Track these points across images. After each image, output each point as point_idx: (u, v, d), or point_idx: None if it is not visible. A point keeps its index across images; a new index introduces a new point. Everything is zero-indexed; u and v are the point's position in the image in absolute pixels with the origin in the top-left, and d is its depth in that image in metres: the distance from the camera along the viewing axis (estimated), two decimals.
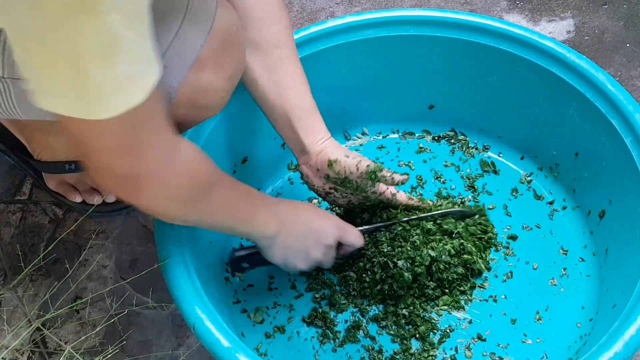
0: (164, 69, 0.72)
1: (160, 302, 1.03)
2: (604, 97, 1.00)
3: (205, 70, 0.76)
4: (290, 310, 1.01)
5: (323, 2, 1.47)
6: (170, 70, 0.73)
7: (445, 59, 1.11)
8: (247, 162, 1.09)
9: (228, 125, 1.03)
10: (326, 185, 0.96)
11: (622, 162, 0.98)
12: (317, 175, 0.95)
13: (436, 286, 0.99)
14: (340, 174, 0.93)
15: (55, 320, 1.04)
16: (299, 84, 0.94)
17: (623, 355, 0.80)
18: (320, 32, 1.08)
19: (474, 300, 1.01)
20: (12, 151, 1.12)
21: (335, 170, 0.92)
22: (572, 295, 1.01)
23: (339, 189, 0.96)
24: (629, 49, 1.35)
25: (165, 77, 0.73)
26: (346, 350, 0.97)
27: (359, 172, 0.91)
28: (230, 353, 0.79)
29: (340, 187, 0.95)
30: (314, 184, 0.96)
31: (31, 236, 1.15)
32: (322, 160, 0.93)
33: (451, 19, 1.08)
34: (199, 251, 0.93)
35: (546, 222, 1.08)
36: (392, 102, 1.17)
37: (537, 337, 0.97)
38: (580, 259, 1.04)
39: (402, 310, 0.98)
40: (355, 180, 0.93)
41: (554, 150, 1.11)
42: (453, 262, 0.98)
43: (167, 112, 0.68)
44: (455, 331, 0.98)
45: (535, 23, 1.40)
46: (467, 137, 1.18)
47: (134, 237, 1.15)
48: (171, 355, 1.02)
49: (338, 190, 0.96)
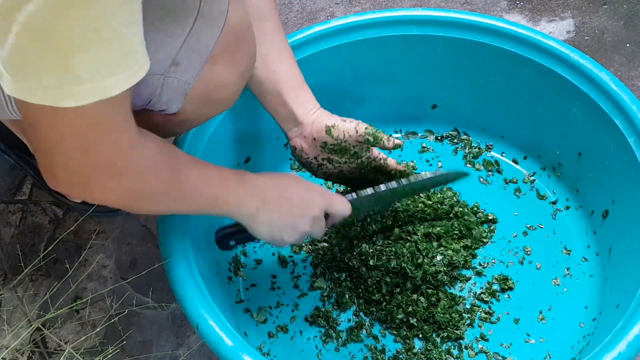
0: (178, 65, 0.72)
1: (160, 302, 1.03)
2: (607, 97, 1.00)
3: (219, 65, 0.76)
4: (293, 310, 1.01)
5: (323, 2, 1.46)
6: (185, 66, 0.73)
7: (448, 59, 1.11)
8: (250, 161, 1.09)
9: (231, 125, 1.03)
10: (320, 156, 0.96)
11: (626, 162, 0.98)
12: (312, 145, 0.95)
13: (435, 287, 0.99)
14: (339, 139, 0.93)
15: (55, 320, 1.04)
16: (285, 57, 0.94)
17: (627, 355, 0.80)
18: (323, 32, 1.08)
19: (477, 299, 1.00)
20: (12, 150, 1.11)
21: (334, 135, 0.93)
22: (575, 295, 1.01)
23: (333, 158, 0.96)
24: (629, 49, 1.36)
25: (180, 73, 0.73)
26: (349, 350, 0.97)
27: (358, 134, 0.92)
28: (234, 352, 0.79)
29: (334, 156, 0.95)
30: (308, 155, 0.96)
31: (31, 236, 1.14)
32: (318, 128, 0.93)
33: (454, 18, 1.08)
34: (202, 250, 0.92)
35: (549, 222, 1.08)
36: (395, 101, 1.17)
37: (540, 336, 0.97)
38: (584, 259, 1.04)
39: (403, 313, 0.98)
40: (352, 145, 0.93)
41: (557, 150, 1.11)
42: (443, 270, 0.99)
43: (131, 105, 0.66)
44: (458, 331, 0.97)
45: (535, 23, 1.40)
46: (470, 137, 1.18)
47: (134, 237, 1.14)
48: (171, 355, 1.02)
49: (332, 161, 0.96)
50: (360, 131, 0.92)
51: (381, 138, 0.92)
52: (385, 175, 1.01)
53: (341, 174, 0.99)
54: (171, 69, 0.72)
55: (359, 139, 0.93)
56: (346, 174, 0.99)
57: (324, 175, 1.00)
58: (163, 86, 0.74)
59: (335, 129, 0.93)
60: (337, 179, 1.01)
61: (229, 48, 0.76)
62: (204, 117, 0.84)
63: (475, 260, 1.04)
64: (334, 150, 0.95)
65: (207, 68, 0.75)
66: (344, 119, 0.94)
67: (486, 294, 1.01)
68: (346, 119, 0.94)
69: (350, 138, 0.93)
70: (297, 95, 0.93)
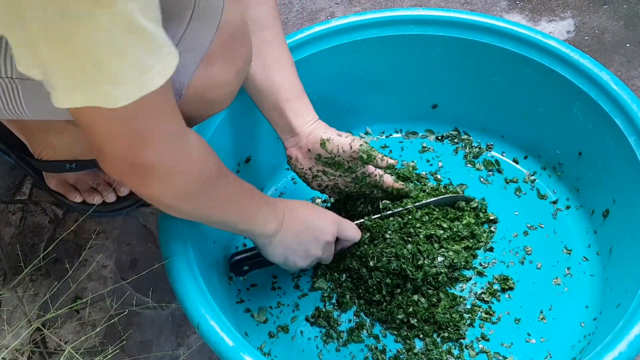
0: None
1: (160, 302, 1.03)
2: (607, 97, 1.00)
3: (215, 65, 0.76)
4: (294, 310, 1.01)
5: (323, 2, 1.46)
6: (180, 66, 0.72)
7: (448, 59, 1.11)
8: (250, 161, 1.09)
9: (231, 125, 1.03)
10: (315, 168, 0.96)
11: (626, 162, 0.98)
12: (307, 156, 0.95)
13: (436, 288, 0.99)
14: (333, 153, 0.93)
15: (55, 320, 1.04)
16: (285, 66, 0.94)
17: (628, 354, 0.79)
18: (324, 31, 1.08)
19: (478, 299, 1.00)
20: (12, 150, 1.11)
21: (328, 149, 0.93)
22: (576, 295, 1.01)
23: (328, 170, 0.96)
24: (629, 49, 1.36)
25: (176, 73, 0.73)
26: (350, 350, 0.97)
27: (352, 150, 0.92)
28: (234, 352, 0.79)
29: (329, 169, 0.96)
30: (303, 166, 0.96)
31: (31, 236, 1.14)
32: (313, 140, 0.94)
33: (454, 18, 1.08)
34: (203, 250, 0.92)
35: (550, 222, 1.08)
36: (396, 101, 1.17)
37: (541, 336, 0.97)
38: (584, 259, 1.04)
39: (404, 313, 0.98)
40: (346, 160, 0.94)
41: (558, 150, 1.11)
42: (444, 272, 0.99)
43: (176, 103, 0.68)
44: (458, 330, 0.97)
45: (535, 23, 1.40)
46: (470, 137, 1.18)
47: (134, 237, 1.14)
48: (171, 355, 1.01)
49: (327, 173, 0.97)
50: (354, 147, 0.93)
51: (375, 157, 0.93)
52: (381, 192, 1.01)
53: (336, 187, 1.00)
54: None
55: (353, 155, 0.93)
56: (341, 187, 1.00)
57: (318, 187, 1.00)
58: None
59: (330, 143, 0.93)
60: (332, 191, 1.01)
61: (224, 47, 0.76)
62: (200, 117, 0.84)
63: (476, 260, 1.04)
64: (327, 163, 0.95)
65: (203, 67, 0.75)
66: (340, 134, 0.94)
67: (487, 294, 1.01)
68: (342, 134, 0.94)
69: (344, 153, 0.93)
70: (295, 105, 0.94)
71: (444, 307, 0.98)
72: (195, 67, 0.75)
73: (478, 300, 1.01)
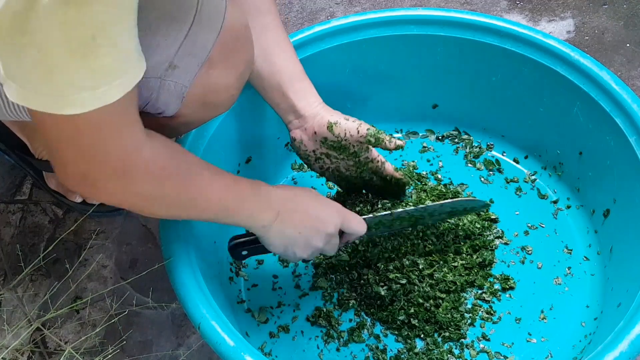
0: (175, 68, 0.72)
1: (160, 302, 1.03)
2: (608, 96, 1.00)
3: (216, 68, 0.76)
4: (295, 310, 1.01)
5: (323, 2, 1.46)
6: (182, 69, 0.73)
7: (448, 58, 1.11)
8: (251, 161, 1.09)
9: (232, 125, 1.03)
10: (319, 150, 0.96)
11: (627, 161, 0.98)
12: (312, 138, 0.95)
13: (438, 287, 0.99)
14: (340, 137, 0.93)
15: (55, 320, 1.04)
16: (285, 49, 0.94)
17: (629, 354, 0.79)
18: (324, 31, 1.08)
19: (478, 299, 1.00)
20: (12, 150, 1.11)
21: (335, 133, 0.93)
22: (576, 294, 1.01)
23: (331, 153, 0.96)
24: (629, 49, 1.36)
25: (177, 76, 0.73)
26: (350, 350, 0.97)
27: (359, 134, 0.92)
28: (235, 352, 0.79)
29: (333, 152, 0.95)
30: (307, 148, 0.96)
31: (31, 236, 1.14)
32: (320, 123, 0.93)
33: (455, 18, 1.08)
34: (204, 250, 0.92)
35: (550, 221, 1.08)
36: (396, 101, 1.17)
37: (542, 336, 0.97)
38: (585, 258, 1.04)
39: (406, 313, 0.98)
40: (352, 144, 0.93)
41: (558, 150, 1.11)
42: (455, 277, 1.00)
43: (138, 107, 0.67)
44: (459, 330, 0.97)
45: (535, 23, 1.40)
46: (470, 137, 1.18)
47: (134, 237, 1.14)
48: (171, 355, 1.01)
49: (329, 156, 0.96)
50: (362, 132, 0.92)
51: (383, 139, 0.93)
52: (380, 180, 1.01)
53: (337, 170, 1.00)
54: (168, 71, 0.72)
55: (360, 139, 0.93)
56: (342, 170, 0.99)
57: (320, 169, 1.00)
58: (160, 89, 0.73)
59: (337, 127, 0.93)
60: (332, 174, 1.01)
61: (226, 51, 0.75)
62: (201, 119, 0.84)
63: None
64: (333, 146, 0.95)
65: (205, 71, 0.75)
66: (347, 118, 0.94)
67: (487, 294, 1.01)
68: (349, 118, 0.94)
69: (351, 137, 0.93)
70: (298, 87, 0.93)
71: (444, 308, 0.98)
72: (197, 71, 0.74)
73: (479, 300, 1.01)
